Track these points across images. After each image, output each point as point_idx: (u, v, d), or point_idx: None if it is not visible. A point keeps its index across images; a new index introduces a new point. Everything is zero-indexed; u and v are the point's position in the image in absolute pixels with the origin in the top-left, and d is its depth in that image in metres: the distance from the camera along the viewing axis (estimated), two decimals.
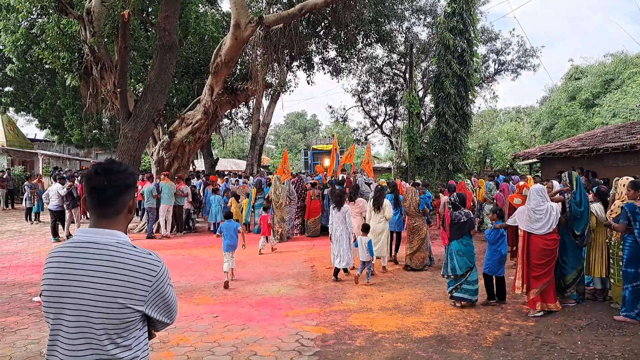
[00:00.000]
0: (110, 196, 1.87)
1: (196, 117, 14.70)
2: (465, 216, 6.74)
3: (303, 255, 10.80)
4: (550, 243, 6.20)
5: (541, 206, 6.21)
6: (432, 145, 20.13)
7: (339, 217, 8.62)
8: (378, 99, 32.70)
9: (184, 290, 7.65)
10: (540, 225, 6.19)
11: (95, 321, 1.76)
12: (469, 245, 6.74)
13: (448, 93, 19.16)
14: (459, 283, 6.68)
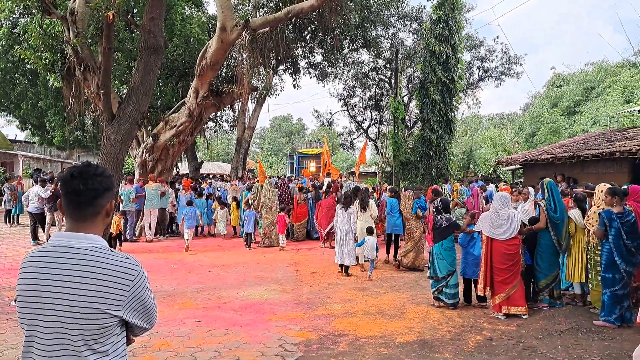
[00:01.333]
0: (87, 200, 1.84)
1: (180, 119, 14.61)
2: (446, 221, 6.91)
3: (287, 259, 10.78)
4: (511, 248, 6.39)
5: (503, 213, 6.42)
6: (416, 151, 20.28)
7: (345, 217, 9.16)
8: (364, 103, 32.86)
9: (167, 294, 7.56)
10: (502, 230, 6.40)
11: (71, 327, 1.73)
12: (449, 249, 6.91)
13: (433, 99, 19.35)
14: (440, 285, 6.85)
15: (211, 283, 8.42)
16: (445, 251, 6.87)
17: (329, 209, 12.59)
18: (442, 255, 6.85)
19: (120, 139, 7.35)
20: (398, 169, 20.24)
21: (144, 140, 15.20)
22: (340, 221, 9.25)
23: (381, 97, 31.06)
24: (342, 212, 9.30)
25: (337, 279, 8.73)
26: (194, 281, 8.56)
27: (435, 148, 19.64)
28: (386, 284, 8.39)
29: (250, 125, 25.49)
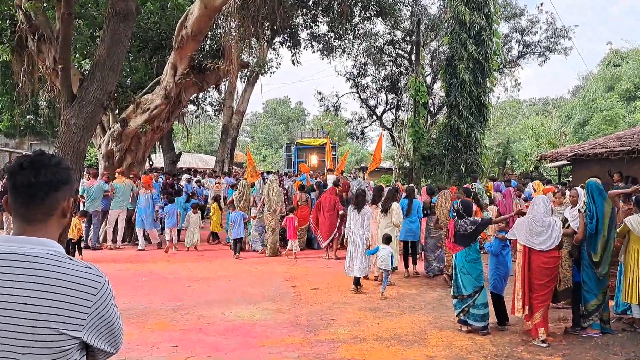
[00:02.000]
0: (40, 195, 1.83)
1: (155, 101, 14.62)
2: (472, 225, 6.90)
3: (283, 272, 10.79)
4: (550, 261, 6.46)
5: (544, 218, 6.49)
6: (441, 142, 20.28)
7: (359, 220, 9.36)
8: (377, 84, 32.87)
9: (136, 313, 7.58)
10: (541, 240, 6.46)
11: (21, 350, 1.72)
12: (474, 261, 6.90)
13: (462, 80, 19.32)
14: (466, 305, 6.84)
15: (190, 300, 8.43)
16: (469, 264, 6.87)
17: (331, 212, 12.62)
18: (465, 269, 6.87)
19: (81, 125, 7.35)
20: (419, 165, 20.26)
21: (110, 126, 15.21)
22: (354, 225, 9.46)
23: (399, 76, 31.03)
24: (354, 214, 9.48)
25: (344, 297, 8.74)
26: (170, 297, 8.57)
27: (465, 139, 19.63)
28: (403, 304, 8.39)
29: (240, 110, 25.55)
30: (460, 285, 6.88)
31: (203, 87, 15.74)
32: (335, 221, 12.66)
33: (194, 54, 14.80)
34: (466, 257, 6.87)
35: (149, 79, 16.63)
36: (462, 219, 7.01)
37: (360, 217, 9.39)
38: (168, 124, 15.74)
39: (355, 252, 9.30)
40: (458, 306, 6.94)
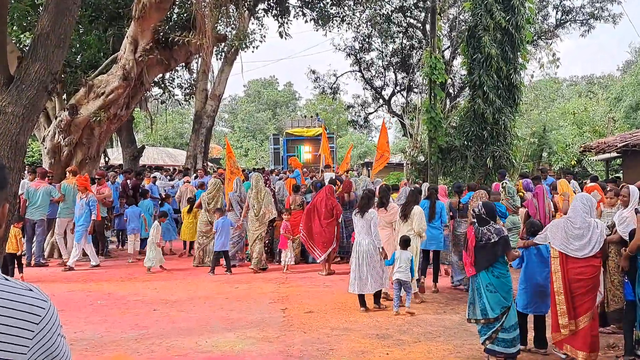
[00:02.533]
0: None
1: (111, 84, 14.58)
2: (497, 234, 6.84)
3: (271, 292, 10.80)
4: (587, 271, 6.53)
5: (582, 220, 6.58)
6: (463, 132, 20.27)
7: (363, 227, 9.45)
8: (385, 61, 32.85)
9: (90, 344, 7.57)
10: (578, 245, 6.55)
11: None
12: (503, 275, 6.83)
13: (488, 54, 19.31)
14: (493, 330, 6.79)
15: (157, 327, 8.41)
16: (497, 279, 6.79)
17: (329, 220, 12.71)
18: (493, 286, 6.80)
19: (20, 113, 7.33)
20: (436, 159, 20.24)
21: (56, 114, 15.17)
22: (358, 232, 9.56)
23: (410, 51, 31.06)
24: (358, 219, 9.56)
25: (346, 321, 8.75)
26: (131, 324, 8.54)
27: (492, 127, 19.62)
28: (417, 329, 8.40)
29: (216, 93, 25.49)
30: (487, 306, 6.80)
31: (170, 65, 15.70)
32: (334, 230, 12.69)
33: (159, 26, 14.77)
34: (493, 272, 6.80)
35: (104, 57, 16.57)
36: (484, 225, 6.95)
37: (365, 223, 9.44)
38: (127, 111, 15.71)
39: (367, 265, 9.35)
40: (483, 332, 6.88)
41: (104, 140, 15.72)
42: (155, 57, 14.70)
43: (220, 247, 12.67)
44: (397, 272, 9.21)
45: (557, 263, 6.71)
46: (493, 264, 6.79)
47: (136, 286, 11.29)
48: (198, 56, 16.81)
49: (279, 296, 10.45)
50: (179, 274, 12.76)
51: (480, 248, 6.86)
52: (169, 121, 53.85)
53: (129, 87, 14.71)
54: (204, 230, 13.59)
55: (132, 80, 14.60)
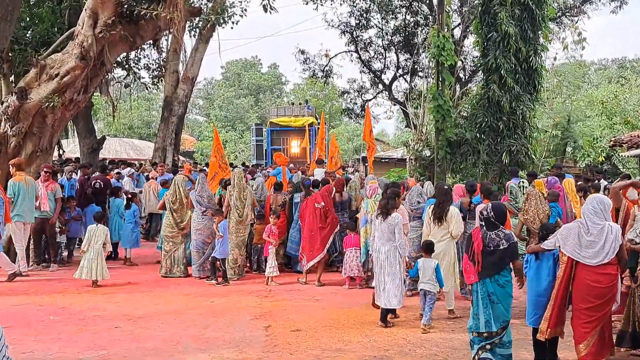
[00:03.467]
0: None
1: (67, 64, 14.50)
2: (507, 240, 7.02)
3: (252, 307, 10.78)
4: (603, 279, 6.69)
5: (597, 225, 6.74)
6: (475, 122, 20.28)
7: (384, 232, 9.59)
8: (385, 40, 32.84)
9: None
10: (592, 252, 6.72)
11: None
12: (508, 284, 7.04)
13: (505, 33, 19.32)
14: (488, 342, 7.00)
15: (118, 347, 8.37)
16: (502, 289, 6.99)
17: (324, 225, 12.75)
18: (497, 297, 6.99)
19: None
20: (443, 153, 20.23)
21: (2, 99, 15.06)
22: (379, 237, 9.66)
23: (415, 29, 31.07)
24: (379, 222, 9.68)
25: (338, 340, 8.73)
26: (89, 344, 8.50)
27: (508, 117, 19.64)
28: (421, 351, 8.41)
29: (188, 76, 25.41)
30: (491, 319, 6.98)
31: (136, 43, 15.63)
32: (327, 237, 12.75)
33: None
34: (498, 281, 6.98)
35: (58, 32, 16.50)
36: (493, 230, 7.09)
37: (387, 227, 9.55)
38: (86, 96, 15.63)
39: (389, 275, 9.49)
40: (477, 342, 7.09)
41: (57, 130, 15.60)
42: (118, 33, 14.61)
43: (221, 253, 12.81)
44: (422, 282, 9.34)
45: (562, 269, 6.95)
46: (500, 271, 6.98)
47: (95, 299, 11.21)
48: (168, 32, 16.73)
49: (262, 311, 10.40)
50: (144, 285, 12.70)
51: (488, 254, 7.01)
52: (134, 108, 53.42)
53: (88, 68, 14.63)
54: (169, 235, 13.54)
55: (90, 59, 14.51)
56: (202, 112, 77.76)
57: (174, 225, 13.51)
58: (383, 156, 38.81)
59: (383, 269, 9.53)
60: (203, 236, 13.32)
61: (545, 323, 7.00)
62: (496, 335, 6.94)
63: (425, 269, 9.31)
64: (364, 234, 11.95)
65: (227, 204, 13.29)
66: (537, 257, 7.51)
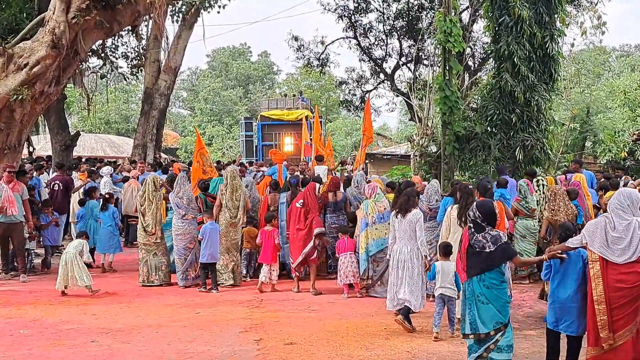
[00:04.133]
0: None
1: (37, 53, 14.51)
2: (494, 242, 7.06)
3: (242, 318, 10.80)
4: (629, 278, 6.79)
5: (623, 220, 6.86)
6: (485, 115, 20.31)
7: (406, 231, 9.95)
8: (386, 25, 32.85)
9: None
10: (619, 248, 6.84)
11: None
12: (495, 286, 7.06)
13: (518, 17, 19.35)
14: (485, 348, 7.04)
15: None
16: (489, 290, 7.06)
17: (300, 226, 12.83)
18: (485, 297, 7.07)
19: None
20: (451, 149, 20.24)
21: None
22: (400, 238, 10.05)
23: (419, 12, 31.10)
24: (399, 221, 10.05)
25: (336, 356, 8.71)
26: (61, 358, 8.51)
27: (522, 109, 19.66)
28: None
29: (171, 65, 25.41)
30: (477, 321, 7.06)
31: (112, 29, 15.65)
32: (307, 239, 12.78)
33: None
34: (483, 282, 7.07)
35: (27, 18, 16.50)
36: (480, 232, 7.16)
37: (408, 226, 9.92)
38: (58, 87, 15.63)
39: (409, 277, 9.82)
40: (474, 350, 7.16)
41: (27, 125, 15.61)
42: (93, 19, 14.63)
43: (209, 257, 12.83)
44: (442, 286, 9.47)
45: (597, 267, 6.97)
46: (486, 271, 7.07)
47: (69, 311, 11.21)
48: (148, 17, 16.78)
49: (252, 323, 10.41)
50: (123, 295, 12.72)
51: (473, 254, 7.16)
52: (111, 101, 53.53)
53: (60, 57, 14.63)
54: (142, 240, 13.58)
55: (63, 48, 14.52)
56: (186, 105, 77.67)
57: (143, 230, 13.55)
58: (385, 152, 38.88)
59: (405, 270, 9.85)
60: (185, 242, 13.35)
61: (606, 330, 6.92)
62: (488, 338, 7.02)
63: (444, 272, 9.43)
64: (364, 238, 12.03)
65: (218, 204, 13.34)
66: (562, 260, 7.54)
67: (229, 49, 77.29)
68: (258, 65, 76.26)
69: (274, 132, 30.61)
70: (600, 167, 28.19)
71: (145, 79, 25.92)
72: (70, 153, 23.53)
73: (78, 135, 24.76)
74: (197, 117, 66.20)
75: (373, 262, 12.08)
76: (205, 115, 65.54)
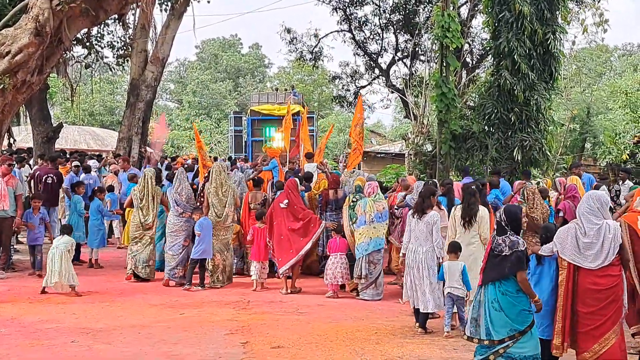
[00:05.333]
0: None
1: (19, 40, 14.46)
2: (510, 247, 7.12)
3: (228, 320, 10.78)
4: (602, 281, 7.00)
5: (593, 225, 7.04)
6: (483, 113, 20.33)
7: (422, 232, 10.22)
8: (382, 19, 32.85)
9: None
10: (591, 255, 7.03)
11: None
12: (510, 294, 7.11)
13: (519, 12, 19.36)
14: (493, 351, 7.11)
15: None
16: (504, 297, 7.11)
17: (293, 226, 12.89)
18: (498, 304, 7.13)
19: None
20: (447, 148, 20.26)
21: None
22: (416, 238, 10.28)
23: (416, 6, 31.06)
24: (416, 222, 10.33)
25: (326, 358, 8.77)
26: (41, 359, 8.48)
27: (521, 109, 19.70)
28: None
29: (158, 56, 25.31)
30: (489, 326, 7.13)
31: (99, 17, 15.59)
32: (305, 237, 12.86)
33: None
34: (499, 288, 7.13)
35: (10, 4, 16.45)
36: (501, 235, 7.25)
37: (425, 227, 10.16)
38: (40, 77, 15.58)
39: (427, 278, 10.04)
40: (481, 353, 7.26)
41: (8, 116, 15.54)
42: (78, 6, 14.58)
43: (201, 253, 12.94)
44: (450, 285, 9.74)
45: (564, 274, 7.24)
46: (501, 278, 7.15)
47: (49, 310, 11.17)
48: (135, 6, 16.69)
49: (239, 325, 10.38)
50: (105, 294, 12.68)
51: (492, 257, 7.26)
52: (96, 92, 53.42)
53: (43, 46, 14.59)
54: (136, 235, 13.72)
55: (46, 36, 14.47)
56: (173, 97, 77.53)
57: (139, 225, 13.62)
58: (379, 150, 38.87)
59: (421, 271, 10.08)
60: (180, 239, 13.47)
61: (559, 337, 7.20)
62: (500, 344, 7.05)
63: (452, 272, 9.68)
64: (361, 236, 12.08)
65: (206, 204, 13.38)
66: (538, 262, 7.78)
67: (218, 40, 77.23)
68: (249, 58, 76.20)
69: (264, 127, 30.59)
70: (599, 170, 28.24)
71: (131, 69, 25.79)
72: (52, 145, 23.45)
73: (61, 127, 24.66)
74: (184, 111, 66.16)
75: (369, 263, 12.07)
76: (194, 108, 65.53)
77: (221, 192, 13.24)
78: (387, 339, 9.57)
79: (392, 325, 10.23)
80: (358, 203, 12.41)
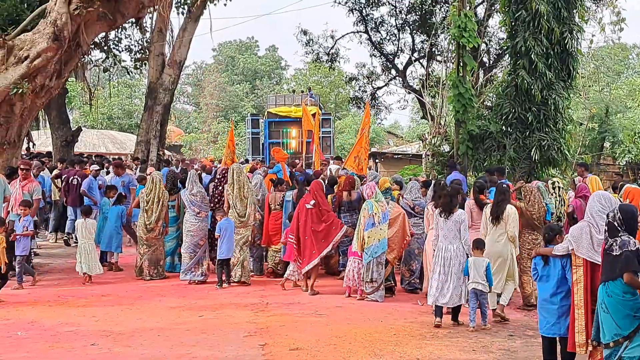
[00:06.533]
0: None
1: (38, 45, 14.51)
2: (620, 246, 6.90)
3: (247, 322, 10.77)
4: None
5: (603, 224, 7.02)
6: (501, 113, 20.25)
7: (451, 230, 10.51)
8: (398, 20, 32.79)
9: None
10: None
11: None
12: (617, 296, 6.88)
13: (536, 11, 19.28)
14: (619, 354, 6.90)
15: None
16: (610, 299, 6.94)
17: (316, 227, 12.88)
18: (605, 306, 6.99)
19: None
20: (464, 148, 20.19)
21: None
22: (444, 237, 10.58)
23: (433, 6, 30.99)
24: (443, 221, 10.57)
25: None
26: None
27: (539, 108, 19.60)
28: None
29: (176, 59, 25.39)
30: (602, 327, 7.04)
31: (116, 21, 15.64)
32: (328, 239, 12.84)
33: None
34: (607, 289, 6.97)
35: (28, 9, 16.50)
36: (614, 235, 6.99)
37: (453, 225, 10.46)
38: (59, 81, 15.63)
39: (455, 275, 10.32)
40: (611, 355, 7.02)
41: (27, 120, 15.62)
42: (96, 11, 14.62)
43: (226, 253, 13.15)
44: (475, 281, 10.05)
45: (580, 272, 7.28)
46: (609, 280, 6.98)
47: (69, 313, 11.19)
48: (153, 10, 16.73)
49: (257, 327, 10.38)
50: (124, 297, 12.70)
51: (605, 257, 7.08)
52: (114, 96, 53.56)
53: (61, 50, 14.64)
54: (142, 236, 13.92)
55: (65, 40, 14.52)
56: (191, 100, 77.77)
57: (144, 227, 13.87)
58: (396, 151, 38.79)
59: (451, 268, 10.32)
60: (196, 238, 13.66)
61: (582, 335, 7.21)
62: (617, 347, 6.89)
63: (477, 267, 10.03)
64: (369, 239, 12.07)
65: (227, 205, 13.49)
66: (545, 262, 7.83)
67: (235, 42, 77.43)
68: (265, 60, 76.32)
69: (282, 129, 30.57)
70: (619, 169, 28.07)
71: (149, 73, 25.88)
72: (71, 149, 23.57)
73: (79, 131, 24.79)
74: (202, 113, 66.23)
75: (378, 265, 12.06)
76: (210, 111, 65.55)
77: (242, 192, 13.34)
78: (406, 340, 9.53)
79: (411, 327, 10.20)
80: (363, 206, 12.46)
